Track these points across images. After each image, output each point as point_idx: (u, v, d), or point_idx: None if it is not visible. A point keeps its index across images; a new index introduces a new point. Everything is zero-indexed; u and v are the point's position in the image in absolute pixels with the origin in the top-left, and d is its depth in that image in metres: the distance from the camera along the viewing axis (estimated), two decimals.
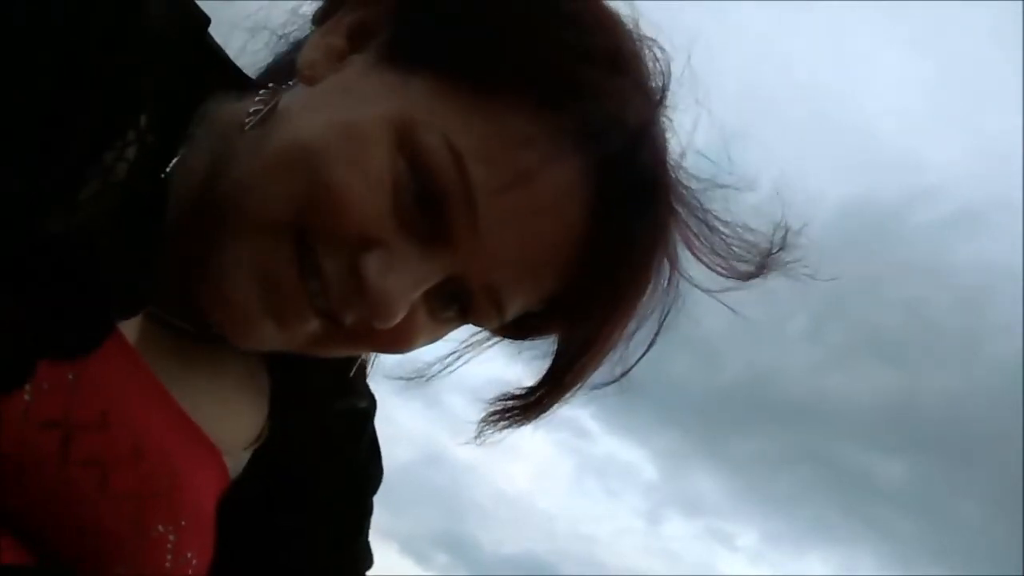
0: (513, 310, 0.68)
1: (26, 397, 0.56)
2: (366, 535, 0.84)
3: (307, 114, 0.64)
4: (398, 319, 0.64)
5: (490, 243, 0.63)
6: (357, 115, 0.63)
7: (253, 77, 0.75)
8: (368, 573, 0.85)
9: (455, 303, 0.67)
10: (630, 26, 0.69)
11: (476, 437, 0.75)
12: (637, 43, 0.69)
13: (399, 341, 0.67)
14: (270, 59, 0.78)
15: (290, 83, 0.69)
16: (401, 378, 0.77)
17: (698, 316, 0.74)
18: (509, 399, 0.73)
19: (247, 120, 0.65)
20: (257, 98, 0.67)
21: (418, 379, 0.77)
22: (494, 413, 0.73)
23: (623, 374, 0.73)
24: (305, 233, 0.62)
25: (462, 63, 0.64)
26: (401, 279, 0.63)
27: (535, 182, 0.62)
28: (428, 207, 0.62)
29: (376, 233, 0.62)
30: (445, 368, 0.76)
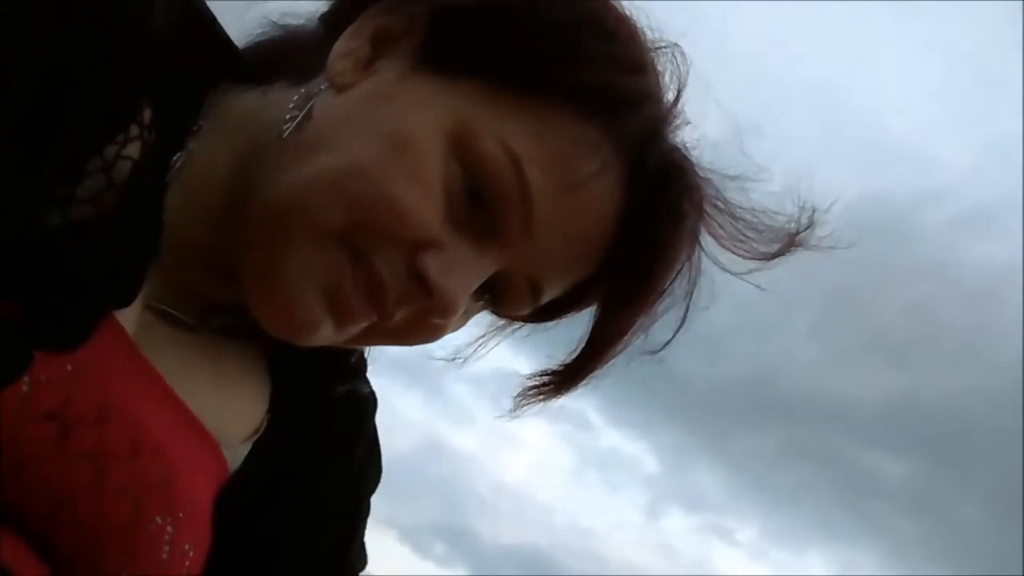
0: (548, 297, 0.72)
1: (24, 388, 0.56)
2: (361, 537, 0.84)
3: (352, 125, 0.66)
4: (459, 313, 0.67)
5: (540, 241, 0.67)
6: (406, 124, 0.65)
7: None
8: (367, 562, 0.84)
9: (487, 293, 0.71)
10: (647, 30, 0.73)
11: (513, 410, 0.78)
12: (655, 48, 0.73)
13: (434, 332, 0.70)
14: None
15: (322, 87, 0.69)
16: (442, 359, 0.81)
17: (703, 311, 0.76)
18: (545, 374, 0.76)
19: (285, 127, 0.67)
20: (291, 104, 0.68)
21: (457, 360, 0.80)
22: (531, 388, 0.77)
23: (664, 346, 0.76)
24: (357, 237, 0.64)
25: (504, 70, 0.67)
26: (461, 276, 0.66)
27: (588, 185, 0.67)
28: (481, 207, 0.65)
29: (433, 236, 0.65)
30: (472, 355, 0.80)
